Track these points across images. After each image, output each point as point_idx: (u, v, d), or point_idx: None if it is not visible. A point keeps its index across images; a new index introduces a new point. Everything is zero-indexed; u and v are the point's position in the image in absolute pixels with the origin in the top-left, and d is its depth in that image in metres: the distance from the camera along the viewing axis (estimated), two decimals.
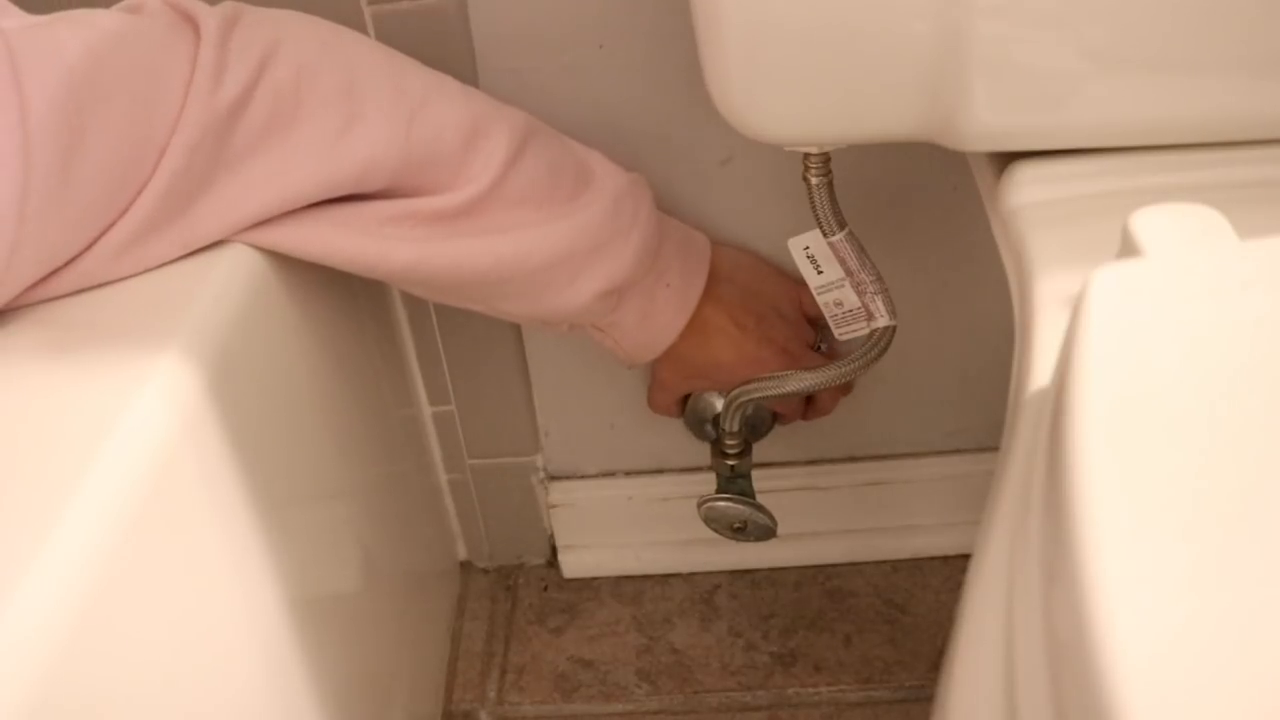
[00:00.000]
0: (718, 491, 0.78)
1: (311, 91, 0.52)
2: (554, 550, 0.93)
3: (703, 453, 0.82)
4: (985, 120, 0.50)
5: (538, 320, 0.63)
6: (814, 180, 0.60)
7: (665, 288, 0.64)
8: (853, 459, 0.88)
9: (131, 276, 0.51)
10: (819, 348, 0.75)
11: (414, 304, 0.80)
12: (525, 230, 0.57)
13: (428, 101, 0.55)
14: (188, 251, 0.51)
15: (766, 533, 0.79)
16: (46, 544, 0.37)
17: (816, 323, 0.74)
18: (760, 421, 0.80)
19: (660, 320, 0.65)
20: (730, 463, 0.78)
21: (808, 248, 0.66)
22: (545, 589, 0.93)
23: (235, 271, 0.52)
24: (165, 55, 0.49)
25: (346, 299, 0.67)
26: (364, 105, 0.53)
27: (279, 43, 0.52)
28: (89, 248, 0.48)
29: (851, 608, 0.88)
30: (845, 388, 0.76)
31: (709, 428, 0.79)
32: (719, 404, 0.77)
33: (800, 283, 0.70)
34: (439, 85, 0.57)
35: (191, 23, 0.50)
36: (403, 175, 0.54)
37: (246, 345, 0.51)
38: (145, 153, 0.48)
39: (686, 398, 0.77)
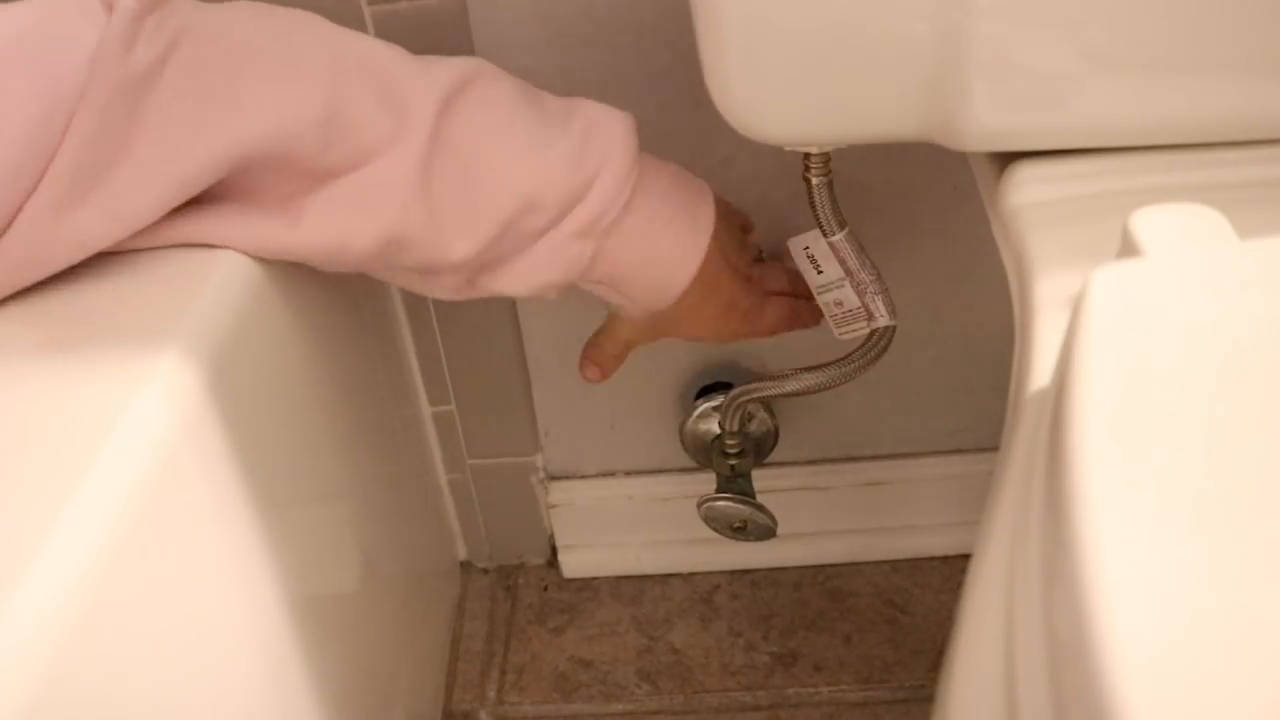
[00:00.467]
0: (718, 491, 0.78)
1: (230, 56, 0.51)
2: (554, 550, 0.93)
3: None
4: (985, 120, 0.50)
5: (537, 288, 0.59)
6: (814, 180, 0.60)
7: (665, 226, 0.59)
8: (853, 459, 0.88)
9: (106, 266, 0.50)
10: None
11: (414, 304, 0.80)
12: (496, 172, 0.55)
13: (359, 62, 0.53)
14: (124, 229, 0.51)
15: (766, 532, 0.79)
16: (46, 544, 0.37)
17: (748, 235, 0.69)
18: (764, 440, 0.81)
19: (667, 262, 0.60)
20: (730, 463, 0.78)
21: (808, 248, 0.66)
22: (545, 589, 0.93)
23: (234, 272, 0.52)
24: (80, 25, 0.49)
25: (346, 299, 0.67)
26: (286, 67, 0.52)
27: (197, 13, 0.51)
28: (13, 221, 0.48)
29: (851, 608, 0.88)
30: (814, 314, 0.70)
31: (709, 448, 0.80)
32: (717, 427, 0.77)
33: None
34: (369, 48, 0.55)
35: (108, 4, 0.50)
36: (332, 133, 0.52)
37: (246, 346, 0.51)
38: (56, 116, 0.48)
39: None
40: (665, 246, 0.60)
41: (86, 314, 0.49)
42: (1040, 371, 0.41)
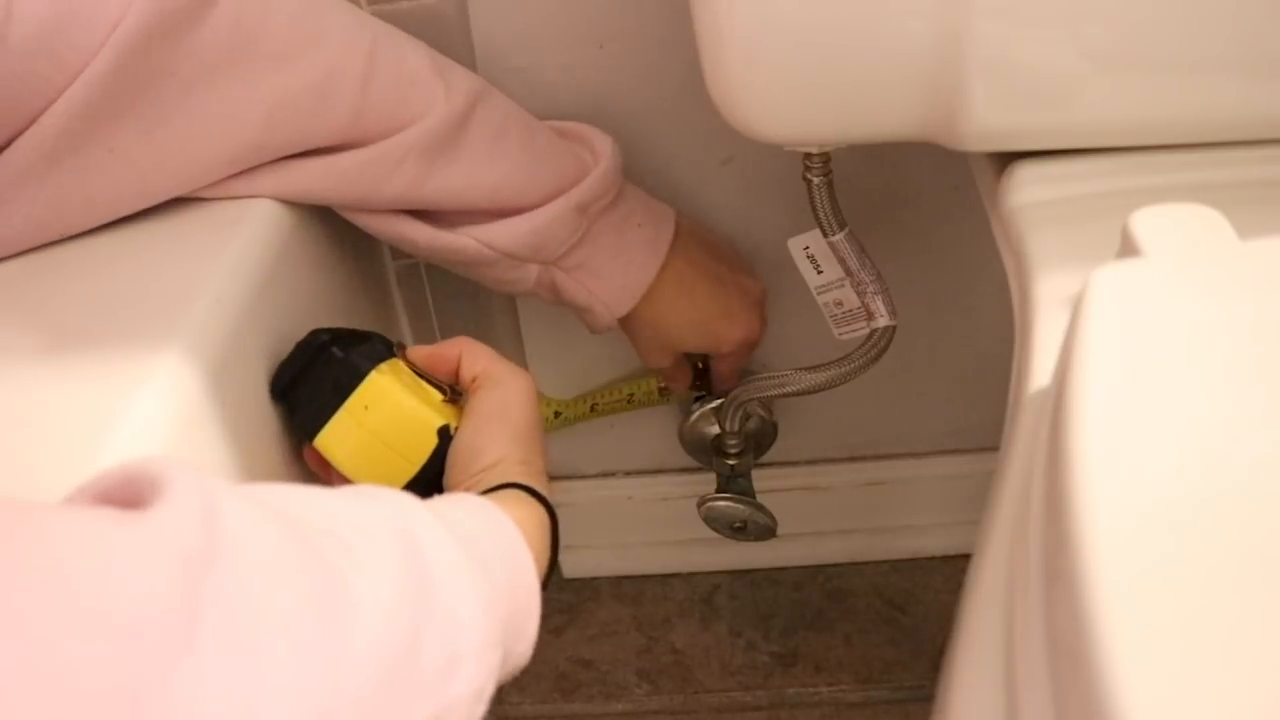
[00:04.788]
0: (718, 491, 0.78)
1: (270, 17, 0.53)
2: None
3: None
4: (985, 120, 0.50)
5: (512, 277, 0.64)
6: (814, 180, 0.60)
7: (636, 227, 0.66)
8: (853, 459, 0.88)
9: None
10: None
11: (414, 304, 0.80)
12: (510, 158, 0.60)
13: (390, 32, 0.59)
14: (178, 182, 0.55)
15: (766, 532, 0.79)
16: None
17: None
18: (764, 436, 0.81)
19: (635, 257, 0.66)
20: (730, 462, 0.78)
21: (808, 248, 0.66)
22: (545, 589, 0.93)
23: (235, 272, 0.52)
24: None
25: (346, 299, 0.67)
26: (323, 25, 0.55)
27: None
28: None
29: (851, 608, 0.88)
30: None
31: (709, 448, 0.79)
32: (716, 427, 0.77)
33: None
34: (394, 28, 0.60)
35: None
36: (370, 96, 0.56)
37: (246, 345, 0.51)
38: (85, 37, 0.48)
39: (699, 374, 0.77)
40: (633, 240, 0.65)
41: (87, 313, 0.49)
42: (1040, 371, 0.41)
